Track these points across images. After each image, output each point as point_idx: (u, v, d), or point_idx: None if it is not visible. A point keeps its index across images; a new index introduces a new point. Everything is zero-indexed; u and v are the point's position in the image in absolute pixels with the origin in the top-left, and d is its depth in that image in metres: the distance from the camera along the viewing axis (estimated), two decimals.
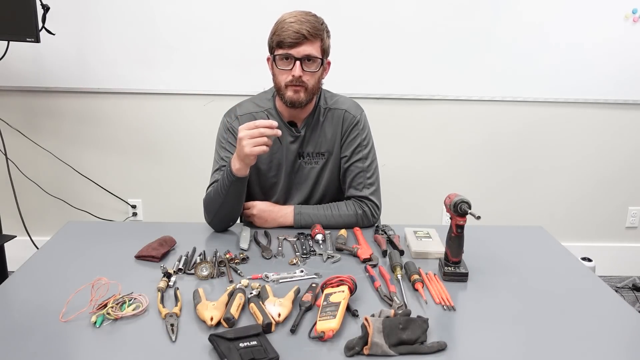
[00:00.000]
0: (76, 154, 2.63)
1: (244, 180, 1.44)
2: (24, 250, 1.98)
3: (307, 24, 1.40)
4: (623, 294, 2.71)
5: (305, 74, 1.44)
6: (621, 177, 2.81)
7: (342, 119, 1.59)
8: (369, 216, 1.56)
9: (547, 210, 2.84)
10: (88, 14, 2.41)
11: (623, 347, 1.00)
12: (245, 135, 1.34)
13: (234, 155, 1.42)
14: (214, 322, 1.01)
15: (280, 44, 1.42)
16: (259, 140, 1.34)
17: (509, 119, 2.68)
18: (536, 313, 1.11)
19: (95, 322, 1.02)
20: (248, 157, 1.37)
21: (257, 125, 1.34)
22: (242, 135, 1.35)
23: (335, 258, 1.34)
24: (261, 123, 1.35)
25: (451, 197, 1.22)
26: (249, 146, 1.34)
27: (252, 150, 1.34)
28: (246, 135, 1.34)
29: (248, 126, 1.35)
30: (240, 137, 1.35)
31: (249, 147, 1.34)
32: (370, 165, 1.60)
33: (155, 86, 2.54)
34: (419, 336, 0.97)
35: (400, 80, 2.57)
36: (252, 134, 1.34)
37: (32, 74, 2.49)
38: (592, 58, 2.57)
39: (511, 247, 1.45)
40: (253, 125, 1.35)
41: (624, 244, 2.93)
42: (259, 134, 1.34)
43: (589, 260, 2.51)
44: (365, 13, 2.47)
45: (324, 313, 1.02)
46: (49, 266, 1.27)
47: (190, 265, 1.28)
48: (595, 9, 2.50)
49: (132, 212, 2.74)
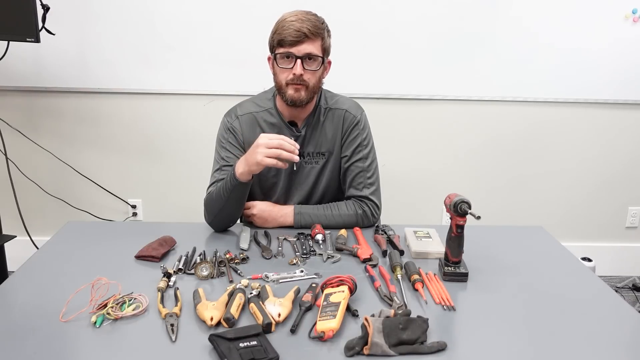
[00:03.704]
0: (76, 153, 2.63)
1: (246, 185, 1.44)
2: (24, 250, 1.98)
3: (308, 23, 1.41)
4: (623, 294, 2.71)
5: (306, 72, 1.44)
6: (621, 177, 2.81)
7: (342, 118, 1.59)
8: (369, 216, 1.56)
9: (547, 211, 2.84)
10: (88, 14, 2.41)
11: (623, 347, 1.00)
12: (264, 144, 1.33)
13: (242, 158, 1.41)
14: (214, 322, 1.01)
15: (281, 42, 1.42)
16: (273, 152, 1.33)
17: (509, 119, 2.68)
18: (536, 313, 1.11)
19: (95, 322, 1.02)
20: (258, 164, 1.36)
21: (281, 138, 1.33)
22: (260, 142, 1.34)
23: (335, 258, 1.34)
24: (286, 139, 1.34)
25: (451, 197, 1.22)
26: (262, 154, 1.33)
27: (264, 160, 1.33)
28: (265, 143, 1.33)
29: (271, 136, 1.35)
30: (258, 143, 1.34)
31: (261, 155, 1.33)
32: (370, 165, 1.60)
33: (155, 86, 2.53)
34: (419, 336, 0.97)
35: (400, 80, 2.57)
36: (270, 144, 1.33)
37: (32, 74, 2.48)
38: (592, 58, 2.57)
39: (511, 247, 1.45)
40: (277, 137, 1.34)
41: (624, 244, 2.93)
42: (277, 144, 1.32)
43: (589, 260, 2.51)
44: (366, 13, 2.46)
45: (324, 313, 1.02)
46: (49, 266, 1.27)
47: (190, 265, 1.28)
48: (595, 9, 2.50)
49: (132, 212, 2.74)
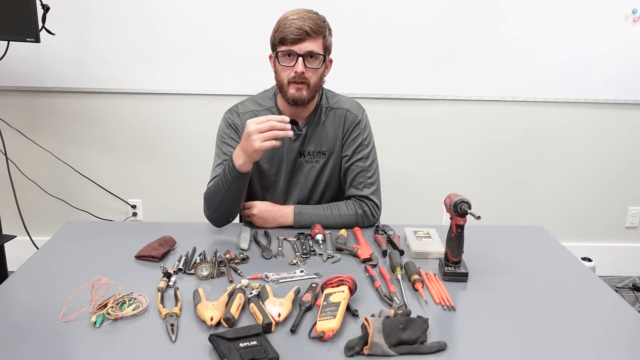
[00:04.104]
0: (76, 154, 2.63)
1: (247, 175, 1.42)
2: (24, 250, 1.98)
3: (309, 21, 1.40)
4: (623, 294, 2.71)
5: (308, 70, 1.44)
6: (621, 177, 2.81)
7: (343, 118, 1.59)
8: (369, 216, 1.56)
9: (547, 210, 2.84)
10: (88, 14, 2.41)
11: (623, 347, 1.00)
12: (255, 130, 1.31)
13: (238, 150, 1.39)
14: (214, 322, 1.01)
15: (282, 40, 1.42)
16: (269, 135, 1.30)
17: (509, 119, 2.68)
18: (536, 313, 1.11)
19: (95, 322, 1.02)
20: (257, 152, 1.34)
21: (269, 119, 1.31)
22: (251, 130, 1.31)
23: (335, 258, 1.34)
24: (273, 117, 1.31)
25: (451, 197, 1.22)
26: (259, 141, 1.30)
27: (262, 145, 1.31)
28: (256, 129, 1.30)
29: (258, 120, 1.31)
30: (250, 131, 1.31)
31: (258, 142, 1.30)
32: (371, 165, 1.60)
33: (155, 86, 2.53)
34: (419, 336, 0.97)
35: (400, 80, 2.57)
36: (262, 128, 1.30)
37: (32, 74, 2.48)
38: (592, 58, 2.57)
39: (511, 247, 1.45)
40: (265, 118, 1.31)
41: (624, 244, 2.93)
42: (269, 126, 1.30)
43: (589, 260, 2.51)
44: (366, 13, 2.46)
45: (324, 313, 1.02)
46: (49, 266, 1.27)
47: (190, 265, 1.28)
48: (595, 9, 2.50)
49: (132, 212, 2.74)
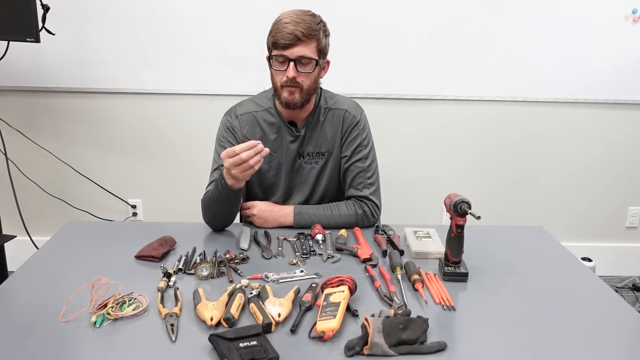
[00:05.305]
0: (76, 154, 2.63)
1: (239, 191, 1.42)
2: (24, 250, 1.98)
3: (302, 25, 1.39)
4: (623, 294, 2.71)
5: (300, 75, 1.43)
6: (621, 177, 2.81)
7: (342, 119, 1.58)
8: (369, 216, 1.56)
9: (547, 210, 2.84)
10: (88, 14, 2.41)
11: (623, 347, 1.00)
12: (231, 165, 1.29)
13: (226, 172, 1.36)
14: (214, 322, 1.01)
15: (275, 44, 1.41)
16: (246, 165, 1.29)
17: (509, 119, 2.68)
18: (536, 313, 1.11)
19: (95, 322, 1.02)
20: (243, 179, 1.36)
21: (236, 152, 1.27)
22: (227, 166, 1.30)
23: (335, 258, 1.34)
24: (241, 148, 1.27)
25: (451, 197, 1.22)
26: (239, 172, 1.30)
27: (245, 174, 1.32)
28: (231, 164, 1.29)
29: (228, 154, 1.28)
30: (227, 167, 1.31)
31: (239, 173, 1.31)
32: (370, 165, 1.60)
33: (155, 86, 2.53)
34: (419, 336, 0.97)
35: (400, 80, 2.57)
36: (235, 162, 1.28)
37: (32, 74, 2.48)
38: (592, 58, 2.57)
39: (511, 247, 1.45)
40: (232, 152, 1.28)
41: (624, 244, 2.93)
42: (240, 160, 1.27)
43: (589, 260, 2.51)
44: (365, 13, 2.46)
45: (324, 313, 1.02)
46: (49, 266, 1.27)
47: (190, 265, 1.28)
48: (595, 9, 2.50)
49: (132, 212, 2.73)
